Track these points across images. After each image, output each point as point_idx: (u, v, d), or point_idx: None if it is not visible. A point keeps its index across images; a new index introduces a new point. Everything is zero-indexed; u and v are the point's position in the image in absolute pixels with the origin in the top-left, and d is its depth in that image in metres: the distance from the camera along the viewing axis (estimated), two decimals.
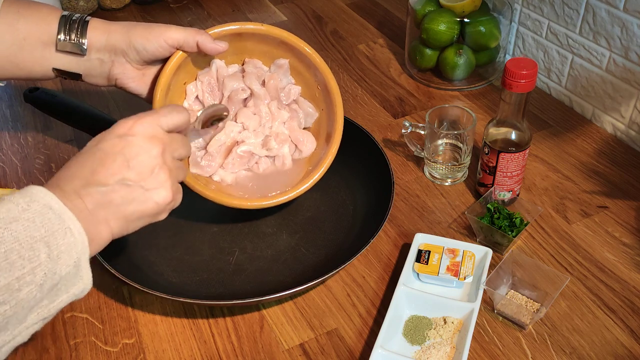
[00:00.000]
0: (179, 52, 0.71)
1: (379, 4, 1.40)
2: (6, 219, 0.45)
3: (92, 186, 0.52)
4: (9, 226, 0.45)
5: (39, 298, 0.46)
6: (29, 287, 0.45)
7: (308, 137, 0.81)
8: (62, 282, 0.48)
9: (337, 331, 0.70)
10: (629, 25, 0.89)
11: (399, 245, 0.80)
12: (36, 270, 0.45)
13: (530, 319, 0.68)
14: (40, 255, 0.46)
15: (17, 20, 0.67)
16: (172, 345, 0.69)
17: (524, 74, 0.72)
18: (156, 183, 0.55)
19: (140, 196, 0.54)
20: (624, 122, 0.95)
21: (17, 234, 0.45)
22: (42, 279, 0.46)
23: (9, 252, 0.44)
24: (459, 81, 1.09)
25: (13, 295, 0.44)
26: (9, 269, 0.44)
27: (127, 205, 0.53)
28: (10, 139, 1.02)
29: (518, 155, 0.78)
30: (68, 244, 0.48)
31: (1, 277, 0.44)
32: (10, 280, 0.44)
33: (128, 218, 0.54)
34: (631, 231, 0.80)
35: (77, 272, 0.49)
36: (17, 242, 0.45)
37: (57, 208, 0.48)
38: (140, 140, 0.54)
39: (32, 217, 0.46)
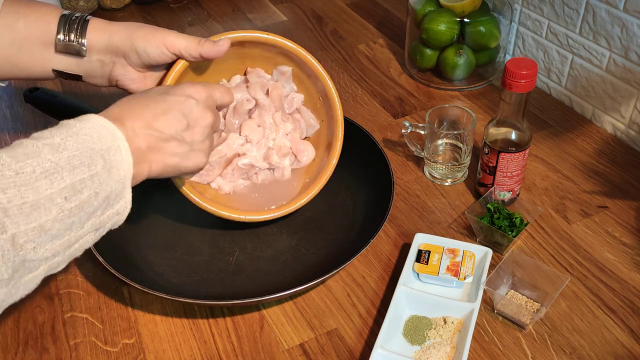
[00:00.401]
0: (181, 61, 0.70)
1: (379, 4, 1.40)
2: (67, 132, 0.50)
3: (150, 129, 0.57)
4: (69, 138, 0.50)
5: (95, 206, 0.50)
6: (89, 191, 0.49)
7: (307, 146, 0.82)
8: (112, 195, 0.52)
9: (337, 331, 0.70)
10: (629, 25, 0.89)
11: (399, 245, 0.80)
12: (94, 177, 0.50)
13: (530, 319, 0.69)
14: (97, 165, 0.50)
15: (16, 20, 0.67)
16: (172, 345, 0.69)
17: (524, 74, 0.72)
18: (200, 147, 0.62)
19: (186, 153, 0.60)
20: (624, 122, 0.95)
21: (77, 144, 0.50)
22: (98, 187, 0.50)
23: (72, 157, 0.49)
24: (459, 81, 1.10)
25: (77, 196, 0.48)
26: (72, 171, 0.48)
27: (172, 156, 0.59)
28: (10, 139, 1.02)
29: (518, 155, 0.78)
30: (118, 161, 0.52)
31: (67, 177, 0.48)
32: (74, 181, 0.48)
33: (167, 167, 0.59)
34: (631, 231, 0.80)
35: (122, 189, 0.53)
36: (77, 150, 0.49)
37: (110, 128, 0.53)
38: (201, 107, 0.61)
39: (89, 132, 0.51)
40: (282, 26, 1.33)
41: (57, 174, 0.47)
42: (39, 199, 0.46)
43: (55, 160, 0.48)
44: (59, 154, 0.48)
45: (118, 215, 0.54)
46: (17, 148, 0.47)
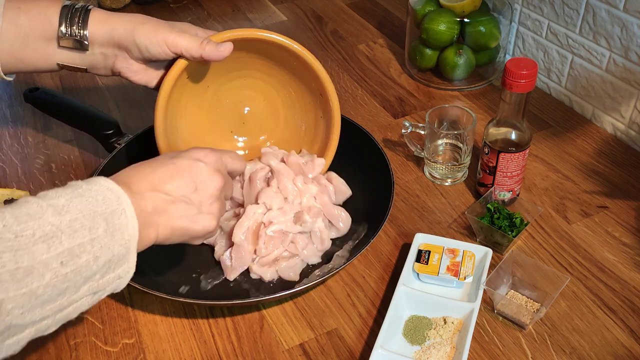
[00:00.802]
0: (181, 61, 0.70)
1: (379, 4, 1.40)
2: (72, 194, 0.50)
3: (157, 192, 0.56)
4: (74, 200, 0.49)
5: (94, 270, 0.49)
6: (88, 256, 0.48)
7: (342, 212, 0.79)
8: (113, 260, 0.51)
9: (337, 331, 0.70)
10: (629, 25, 0.89)
11: (399, 245, 0.80)
12: (94, 241, 0.49)
13: (530, 319, 0.68)
14: (99, 229, 0.49)
15: (18, 15, 0.67)
16: (172, 345, 0.69)
17: (524, 74, 0.72)
18: (209, 210, 0.61)
19: (193, 216, 0.59)
20: (624, 122, 0.95)
21: (81, 206, 0.49)
22: (98, 251, 0.49)
23: (73, 220, 0.48)
24: (459, 81, 1.09)
25: (74, 260, 0.47)
26: (72, 235, 0.47)
27: (179, 219, 0.58)
28: (10, 139, 1.02)
29: (518, 155, 0.78)
30: (122, 224, 0.51)
31: (66, 241, 0.47)
32: (73, 245, 0.47)
33: (174, 230, 0.58)
34: (631, 231, 0.80)
35: (126, 253, 0.52)
36: (80, 214, 0.49)
37: (116, 191, 0.52)
38: (209, 169, 0.61)
39: (95, 195, 0.51)
40: (282, 26, 1.33)
41: (56, 237, 0.47)
42: (33, 264, 0.45)
43: (56, 223, 0.47)
44: (61, 216, 0.48)
45: (120, 279, 0.52)
46: (22, 207, 0.47)
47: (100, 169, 0.82)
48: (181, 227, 0.58)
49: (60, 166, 0.96)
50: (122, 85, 1.14)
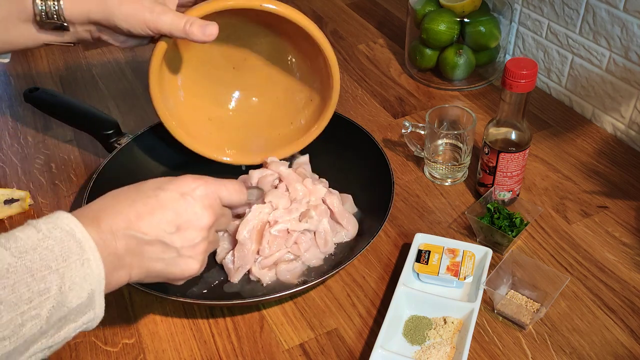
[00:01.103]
0: (162, 44, 0.70)
1: (379, 4, 1.40)
2: (24, 246, 0.43)
3: (132, 230, 0.50)
4: (24, 255, 0.43)
5: (44, 330, 0.43)
6: (34, 321, 0.42)
7: (350, 216, 0.80)
8: (71, 313, 0.45)
9: (337, 331, 0.70)
10: (629, 25, 0.89)
11: (399, 245, 0.80)
12: (44, 304, 0.43)
13: (530, 319, 0.68)
14: (52, 288, 0.43)
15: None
16: (172, 345, 0.69)
17: (524, 74, 0.72)
18: (192, 253, 0.54)
19: (172, 259, 0.53)
20: (624, 122, 0.95)
21: (31, 264, 0.43)
22: (49, 312, 0.43)
23: (18, 284, 0.42)
24: (459, 81, 1.09)
25: (15, 331, 0.42)
26: (14, 304, 0.41)
27: (155, 262, 0.52)
28: (10, 139, 1.02)
29: (518, 155, 0.78)
30: (84, 275, 0.45)
31: (4, 312, 0.41)
32: (14, 316, 0.41)
33: (150, 272, 0.53)
34: (631, 231, 0.80)
35: (90, 303, 0.46)
36: (29, 274, 0.43)
37: (79, 237, 0.46)
38: (198, 206, 0.54)
39: (51, 245, 0.44)
40: None
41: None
42: None
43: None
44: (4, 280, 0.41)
45: (84, 325, 0.47)
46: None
47: (100, 169, 0.82)
48: (157, 269, 0.53)
49: (60, 166, 0.96)
50: (122, 85, 1.14)
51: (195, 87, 0.85)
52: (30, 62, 1.22)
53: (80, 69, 1.19)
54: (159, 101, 0.76)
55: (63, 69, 1.20)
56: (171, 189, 0.53)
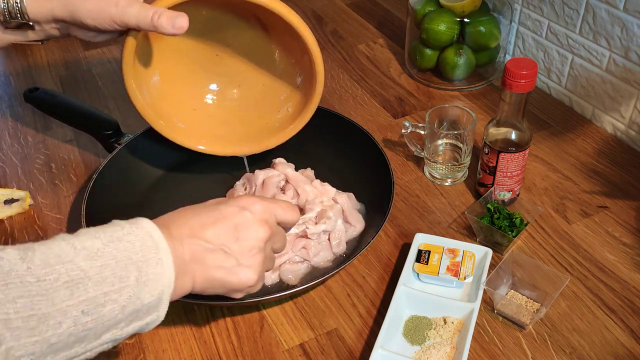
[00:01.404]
0: (130, 39, 0.68)
1: (379, 4, 1.40)
2: (110, 237, 0.48)
3: (196, 238, 0.54)
4: (110, 244, 0.47)
5: (118, 319, 0.47)
6: (113, 305, 0.46)
7: (357, 214, 0.80)
8: (142, 309, 0.48)
9: (337, 331, 0.70)
10: (629, 25, 0.89)
11: (399, 245, 0.80)
12: (123, 290, 0.46)
13: (530, 319, 0.68)
14: (130, 277, 0.47)
15: None
16: (172, 345, 0.69)
17: (524, 74, 0.72)
18: (249, 262, 0.56)
19: (231, 267, 0.55)
20: (624, 122, 0.95)
21: (116, 252, 0.47)
22: (126, 300, 0.47)
23: (104, 267, 0.46)
24: (459, 81, 1.09)
25: (97, 309, 0.45)
26: (99, 283, 0.45)
27: (217, 269, 0.55)
28: (10, 139, 1.02)
29: (518, 155, 0.78)
30: (157, 274, 0.49)
31: (91, 288, 0.45)
32: (98, 294, 0.45)
33: (211, 281, 0.55)
34: (631, 231, 0.80)
35: (158, 304, 0.50)
36: (113, 259, 0.46)
37: (156, 238, 0.50)
38: (255, 219, 0.57)
39: (133, 240, 0.48)
40: None
41: (82, 284, 0.44)
42: (50, 311, 0.43)
43: (85, 269, 0.45)
44: (93, 261, 0.45)
45: (147, 325, 0.50)
46: (55, 247, 0.45)
47: (101, 169, 0.82)
48: (218, 278, 0.55)
49: (60, 166, 0.96)
50: (122, 85, 1.14)
51: (174, 77, 0.83)
52: (30, 62, 1.22)
53: (80, 69, 1.19)
54: (135, 94, 0.75)
55: (63, 69, 1.20)
56: (231, 203, 0.57)
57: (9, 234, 0.84)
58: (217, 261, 0.54)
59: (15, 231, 0.84)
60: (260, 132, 0.86)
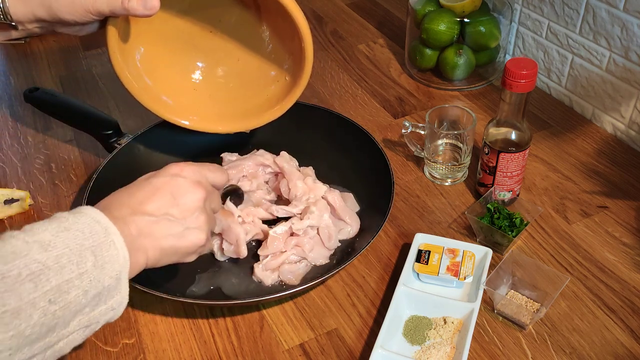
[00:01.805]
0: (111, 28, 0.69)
1: (379, 4, 1.40)
2: (58, 228, 0.49)
3: (138, 215, 0.55)
4: (60, 234, 0.48)
5: (83, 304, 0.48)
6: (76, 291, 0.47)
7: (352, 213, 0.80)
8: (104, 292, 0.49)
9: (337, 331, 0.70)
10: (629, 25, 0.89)
11: (399, 245, 0.80)
12: (83, 276, 0.48)
13: (530, 319, 0.68)
14: (87, 263, 0.48)
15: None
16: (172, 345, 0.69)
17: (524, 74, 0.72)
18: (195, 224, 0.59)
19: (179, 232, 0.58)
20: (624, 122, 0.95)
21: (68, 241, 0.48)
22: (87, 285, 0.48)
23: (60, 256, 0.47)
24: (459, 81, 1.09)
25: (62, 297, 0.46)
26: (60, 271, 0.46)
27: (166, 238, 0.57)
28: (10, 139, 1.02)
29: (518, 155, 0.78)
30: (112, 256, 0.50)
31: (53, 277, 0.46)
32: (61, 282, 0.46)
33: (163, 251, 0.57)
34: (631, 231, 0.80)
35: (117, 285, 0.51)
36: (67, 248, 0.48)
37: (103, 222, 0.51)
38: (188, 182, 0.59)
39: (81, 228, 0.49)
40: None
41: (44, 275, 0.46)
42: (20, 304, 0.44)
43: (42, 260, 0.46)
44: (47, 252, 0.47)
45: (113, 310, 0.51)
46: (7, 245, 0.46)
47: (101, 169, 0.82)
48: (169, 246, 0.57)
49: (60, 166, 0.96)
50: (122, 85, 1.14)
51: (160, 55, 0.83)
52: (30, 62, 1.22)
53: (80, 69, 1.19)
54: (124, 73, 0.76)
55: (63, 69, 1.20)
56: (162, 174, 0.60)
57: None
58: (165, 230, 0.56)
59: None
60: (246, 111, 0.86)
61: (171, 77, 0.85)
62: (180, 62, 0.86)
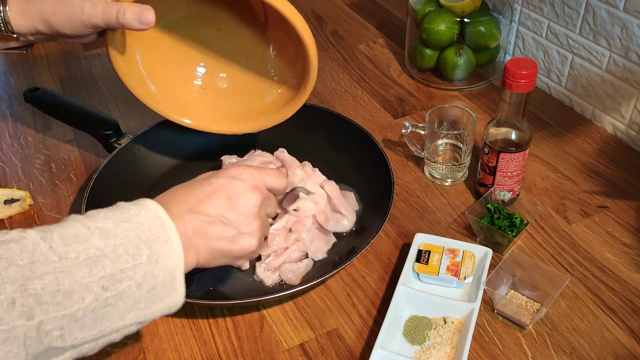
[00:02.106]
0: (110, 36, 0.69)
1: (379, 4, 1.40)
2: (120, 218, 0.50)
3: (195, 213, 0.56)
4: (120, 224, 0.49)
5: (137, 297, 0.49)
6: (129, 282, 0.48)
7: (348, 205, 0.81)
8: (158, 288, 0.50)
9: (337, 331, 0.70)
10: (629, 25, 0.89)
11: (399, 245, 0.80)
12: (137, 268, 0.49)
13: (530, 319, 0.68)
14: (142, 255, 0.49)
15: None
16: (172, 345, 0.69)
17: (524, 74, 0.72)
18: (248, 229, 0.59)
19: (232, 236, 0.58)
20: (624, 122, 0.95)
21: (127, 232, 0.49)
22: (141, 277, 0.49)
23: (117, 245, 0.48)
24: (459, 81, 1.09)
25: (115, 285, 0.47)
26: (115, 260, 0.48)
27: (219, 240, 0.57)
28: (10, 139, 1.02)
29: (518, 155, 0.78)
30: (167, 252, 0.51)
31: (108, 265, 0.47)
32: (115, 271, 0.47)
33: (214, 252, 0.57)
34: (631, 231, 0.80)
35: (172, 282, 0.51)
36: (125, 239, 0.49)
37: (162, 217, 0.52)
38: (246, 186, 0.59)
39: (141, 221, 0.51)
40: None
41: (99, 262, 0.47)
42: (74, 286, 0.45)
43: (101, 247, 0.47)
44: (107, 240, 0.48)
45: (169, 309, 0.53)
46: (70, 228, 0.47)
47: (101, 169, 0.82)
48: (220, 248, 0.57)
49: (60, 166, 0.96)
50: (122, 85, 1.14)
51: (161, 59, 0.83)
52: (30, 62, 1.22)
53: (80, 69, 1.19)
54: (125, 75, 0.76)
55: (63, 69, 1.20)
56: (221, 175, 0.60)
57: None
58: (218, 232, 0.57)
59: None
60: (248, 114, 0.86)
61: (174, 81, 0.85)
62: (182, 67, 0.86)
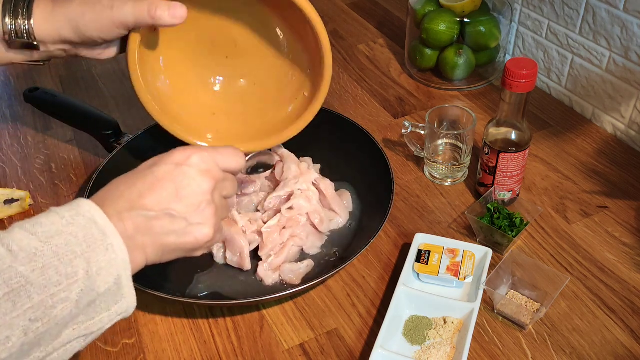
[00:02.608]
0: (135, 36, 0.67)
1: (379, 4, 1.40)
2: (49, 232, 0.45)
3: (136, 210, 0.50)
4: (50, 240, 0.44)
5: (74, 314, 0.44)
6: (64, 304, 0.43)
7: (341, 203, 0.81)
8: (100, 299, 0.46)
9: (337, 331, 0.70)
10: (629, 25, 0.89)
11: (399, 245, 0.80)
12: (72, 286, 0.44)
13: (530, 319, 0.68)
14: (79, 272, 0.44)
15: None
16: (172, 345, 0.69)
17: (524, 74, 0.72)
18: (200, 218, 0.53)
19: (182, 229, 0.53)
20: (624, 122, 0.95)
21: (57, 248, 0.44)
22: (78, 295, 0.44)
23: (46, 267, 0.43)
24: (459, 81, 1.09)
25: (46, 313, 0.43)
26: (44, 286, 0.43)
27: (167, 235, 0.52)
28: (10, 139, 1.02)
29: (518, 155, 0.78)
30: (109, 260, 0.46)
31: (34, 293, 0.42)
32: (44, 297, 0.42)
33: (165, 248, 0.53)
34: (631, 231, 0.80)
35: (119, 289, 0.47)
36: (56, 258, 0.44)
37: (101, 223, 0.47)
38: (194, 172, 0.54)
39: (75, 232, 0.45)
40: None
41: (24, 292, 0.41)
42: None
43: (26, 274, 0.42)
44: (33, 264, 0.42)
45: (119, 315, 0.48)
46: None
47: (101, 169, 0.82)
48: (171, 243, 0.52)
49: (60, 166, 0.96)
50: (122, 85, 1.14)
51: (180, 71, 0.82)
52: None
53: (80, 69, 1.19)
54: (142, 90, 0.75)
55: (63, 69, 1.20)
56: (165, 161, 0.54)
57: None
58: (165, 227, 0.51)
59: None
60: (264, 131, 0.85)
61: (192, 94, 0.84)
62: (200, 75, 0.84)
